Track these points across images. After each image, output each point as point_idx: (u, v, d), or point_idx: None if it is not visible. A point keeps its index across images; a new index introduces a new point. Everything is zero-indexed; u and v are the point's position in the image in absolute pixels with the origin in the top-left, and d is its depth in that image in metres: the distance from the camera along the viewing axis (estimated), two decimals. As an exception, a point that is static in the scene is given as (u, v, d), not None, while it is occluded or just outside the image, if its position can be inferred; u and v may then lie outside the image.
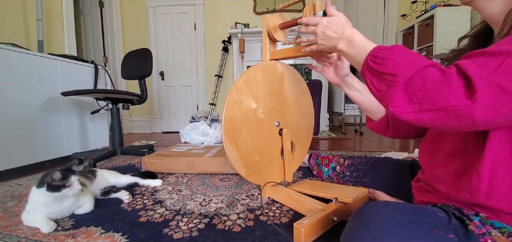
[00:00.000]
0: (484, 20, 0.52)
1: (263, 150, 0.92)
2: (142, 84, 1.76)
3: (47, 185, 0.75)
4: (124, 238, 0.69)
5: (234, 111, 0.83)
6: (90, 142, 1.92)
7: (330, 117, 3.23)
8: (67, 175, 0.77)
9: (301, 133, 1.03)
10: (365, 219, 0.44)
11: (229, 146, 0.84)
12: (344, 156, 1.07)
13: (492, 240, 0.41)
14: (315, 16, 0.75)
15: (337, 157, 1.09)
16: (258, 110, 0.89)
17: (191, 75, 3.34)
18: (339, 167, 1.05)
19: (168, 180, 1.21)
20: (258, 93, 0.88)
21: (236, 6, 3.17)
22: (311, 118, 1.08)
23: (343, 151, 1.86)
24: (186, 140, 2.18)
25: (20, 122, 1.39)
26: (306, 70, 2.98)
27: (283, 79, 0.95)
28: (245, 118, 0.86)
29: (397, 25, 3.56)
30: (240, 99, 0.84)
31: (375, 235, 0.40)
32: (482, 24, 0.55)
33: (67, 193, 0.77)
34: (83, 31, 3.31)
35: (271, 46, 0.93)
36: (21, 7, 1.91)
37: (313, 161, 1.19)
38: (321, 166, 1.13)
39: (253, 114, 0.88)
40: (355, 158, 1.02)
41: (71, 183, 0.77)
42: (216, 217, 0.81)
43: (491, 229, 0.43)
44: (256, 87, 0.88)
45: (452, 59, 0.60)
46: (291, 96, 0.98)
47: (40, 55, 1.53)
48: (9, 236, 0.72)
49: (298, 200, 0.83)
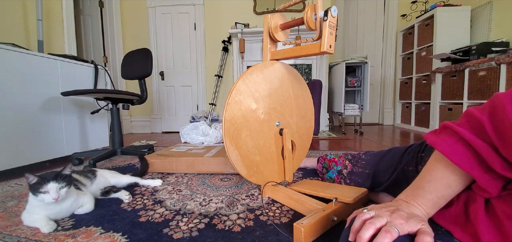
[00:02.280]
0: None
1: (264, 150, 0.92)
2: (142, 84, 1.76)
3: (29, 186, 0.74)
4: (124, 238, 0.69)
5: (234, 113, 0.83)
6: (90, 142, 1.92)
7: (330, 117, 3.23)
8: (43, 181, 0.73)
9: (301, 133, 1.03)
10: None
11: (230, 147, 0.84)
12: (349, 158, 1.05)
13: None
14: (316, 16, 0.75)
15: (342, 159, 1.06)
16: (258, 111, 0.89)
17: (191, 75, 3.34)
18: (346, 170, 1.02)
19: (168, 180, 1.21)
20: (258, 93, 0.88)
21: (236, 6, 3.17)
22: (311, 118, 1.08)
23: (343, 151, 1.86)
24: (186, 140, 2.18)
25: (20, 122, 1.39)
26: (306, 70, 2.98)
27: (283, 79, 0.95)
28: (245, 119, 0.86)
29: (397, 25, 3.57)
30: (240, 100, 0.84)
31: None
32: None
33: (44, 199, 0.73)
34: (83, 31, 3.31)
35: (272, 46, 0.93)
36: (21, 7, 1.91)
37: (320, 165, 1.16)
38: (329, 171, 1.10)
39: (253, 115, 0.88)
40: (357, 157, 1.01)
41: (47, 190, 0.73)
42: (216, 217, 0.81)
43: None
44: (256, 88, 0.88)
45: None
46: (291, 96, 0.98)
47: (40, 55, 1.52)
48: (9, 236, 0.72)
49: (298, 200, 0.83)
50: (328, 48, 0.73)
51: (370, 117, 3.87)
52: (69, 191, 0.80)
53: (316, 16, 0.75)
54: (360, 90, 2.98)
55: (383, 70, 3.74)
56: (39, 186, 0.73)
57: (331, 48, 0.74)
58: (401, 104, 3.50)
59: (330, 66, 3.22)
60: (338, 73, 2.99)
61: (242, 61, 2.99)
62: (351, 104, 2.98)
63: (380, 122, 3.86)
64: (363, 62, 2.89)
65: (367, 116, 3.79)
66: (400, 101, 3.52)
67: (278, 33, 0.91)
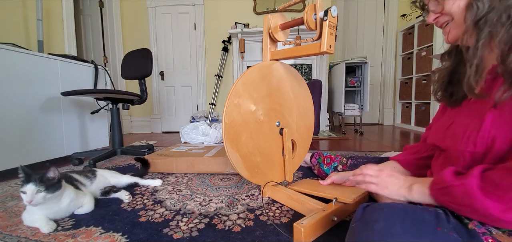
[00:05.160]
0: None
1: (265, 151, 0.92)
2: (142, 84, 1.76)
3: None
4: (124, 238, 0.69)
5: (234, 116, 0.83)
6: (90, 142, 1.92)
7: (330, 117, 3.23)
8: (26, 180, 0.73)
9: (301, 132, 1.03)
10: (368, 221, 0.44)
11: (231, 150, 0.84)
12: (347, 156, 1.07)
13: (493, 238, 0.41)
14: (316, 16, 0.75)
15: (340, 156, 1.09)
16: (257, 112, 0.89)
17: (191, 75, 3.34)
18: (341, 166, 1.04)
19: (168, 180, 1.21)
20: (256, 95, 0.88)
21: (236, 6, 3.17)
22: (311, 118, 1.08)
23: (343, 151, 1.86)
24: (186, 140, 2.18)
25: (20, 122, 1.39)
26: (306, 70, 2.98)
27: (282, 79, 0.95)
28: (245, 121, 0.86)
29: (397, 25, 3.56)
30: (239, 103, 0.84)
31: (380, 237, 0.40)
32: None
33: (23, 198, 0.72)
34: (83, 31, 3.31)
35: (271, 46, 0.93)
36: (21, 7, 1.91)
37: (315, 160, 1.19)
38: (322, 165, 1.13)
39: (253, 117, 0.88)
40: (358, 158, 1.02)
41: (25, 191, 0.72)
42: (216, 217, 0.81)
43: (491, 228, 0.43)
44: (255, 89, 0.88)
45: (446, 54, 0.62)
46: (290, 96, 0.98)
47: (40, 55, 1.52)
48: (9, 236, 0.72)
49: (298, 200, 0.83)
50: (328, 48, 0.73)
51: (370, 118, 3.86)
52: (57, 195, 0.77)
53: (316, 16, 0.75)
54: (360, 90, 2.98)
55: (383, 70, 3.74)
56: (22, 184, 0.73)
57: (331, 48, 0.74)
58: (401, 104, 3.50)
59: (330, 66, 3.22)
60: (338, 73, 2.98)
61: (242, 61, 2.99)
62: (351, 104, 2.98)
63: (380, 122, 3.86)
64: (363, 62, 2.88)
65: (367, 116, 3.78)
66: (400, 101, 3.51)
67: (278, 33, 0.91)
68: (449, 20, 0.52)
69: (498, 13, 0.44)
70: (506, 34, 0.43)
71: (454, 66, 0.59)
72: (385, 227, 0.41)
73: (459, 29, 0.51)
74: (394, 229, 0.40)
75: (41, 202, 0.73)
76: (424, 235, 0.40)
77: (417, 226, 0.41)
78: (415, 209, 0.45)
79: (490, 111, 0.45)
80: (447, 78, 0.60)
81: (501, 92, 0.43)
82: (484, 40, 0.45)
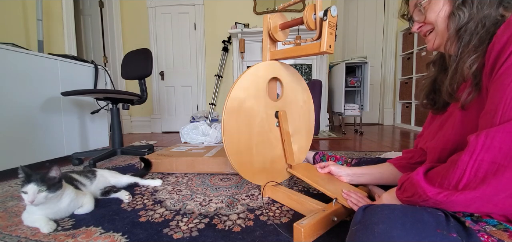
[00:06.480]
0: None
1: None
2: (142, 84, 1.76)
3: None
4: (124, 238, 0.69)
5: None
6: (90, 142, 1.92)
7: (330, 117, 3.23)
8: (26, 179, 0.72)
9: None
10: (369, 224, 0.44)
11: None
12: (351, 157, 1.07)
13: (488, 235, 0.42)
14: (316, 16, 0.75)
15: (345, 157, 1.09)
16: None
17: (191, 75, 3.34)
18: (346, 165, 1.04)
19: (168, 180, 1.21)
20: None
21: (236, 6, 3.17)
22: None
23: (343, 151, 1.86)
24: (186, 140, 2.18)
25: (20, 122, 1.39)
26: (306, 70, 2.98)
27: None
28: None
29: (397, 25, 3.56)
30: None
31: (382, 239, 0.41)
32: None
33: (24, 198, 0.72)
34: (83, 31, 3.31)
35: (271, 46, 0.93)
36: (21, 7, 1.91)
37: (319, 157, 1.19)
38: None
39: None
40: (362, 159, 1.02)
41: (26, 190, 0.71)
42: (216, 217, 0.81)
43: (485, 225, 0.45)
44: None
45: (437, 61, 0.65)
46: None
47: (40, 55, 1.52)
48: (9, 236, 0.72)
49: (298, 200, 0.83)
50: (327, 48, 0.73)
51: (370, 118, 3.86)
52: (58, 194, 0.77)
53: (316, 16, 0.75)
54: (360, 90, 2.98)
55: (383, 70, 3.74)
56: (23, 184, 0.72)
57: (331, 48, 0.74)
58: (401, 104, 3.50)
59: (330, 66, 3.21)
60: (338, 73, 2.98)
61: (242, 61, 2.99)
62: (351, 104, 2.98)
63: (380, 122, 3.86)
64: (363, 62, 2.88)
65: (367, 116, 3.78)
66: (400, 101, 3.51)
67: (278, 33, 0.91)
68: (431, 29, 0.56)
69: (475, 23, 0.48)
70: (478, 41, 0.47)
71: (436, 75, 0.63)
72: (386, 229, 0.41)
73: (442, 38, 0.54)
74: (395, 232, 0.41)
75: (43, 201, 0.73)
76: (425, 237, 0.40)
77: (418, 227, 0.41)
78: (414, 210, 0.45)
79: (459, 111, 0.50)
80: (430, 87, 0.64)
81: (466, 94, 0.48)
82: (464, 47, 0.49)
